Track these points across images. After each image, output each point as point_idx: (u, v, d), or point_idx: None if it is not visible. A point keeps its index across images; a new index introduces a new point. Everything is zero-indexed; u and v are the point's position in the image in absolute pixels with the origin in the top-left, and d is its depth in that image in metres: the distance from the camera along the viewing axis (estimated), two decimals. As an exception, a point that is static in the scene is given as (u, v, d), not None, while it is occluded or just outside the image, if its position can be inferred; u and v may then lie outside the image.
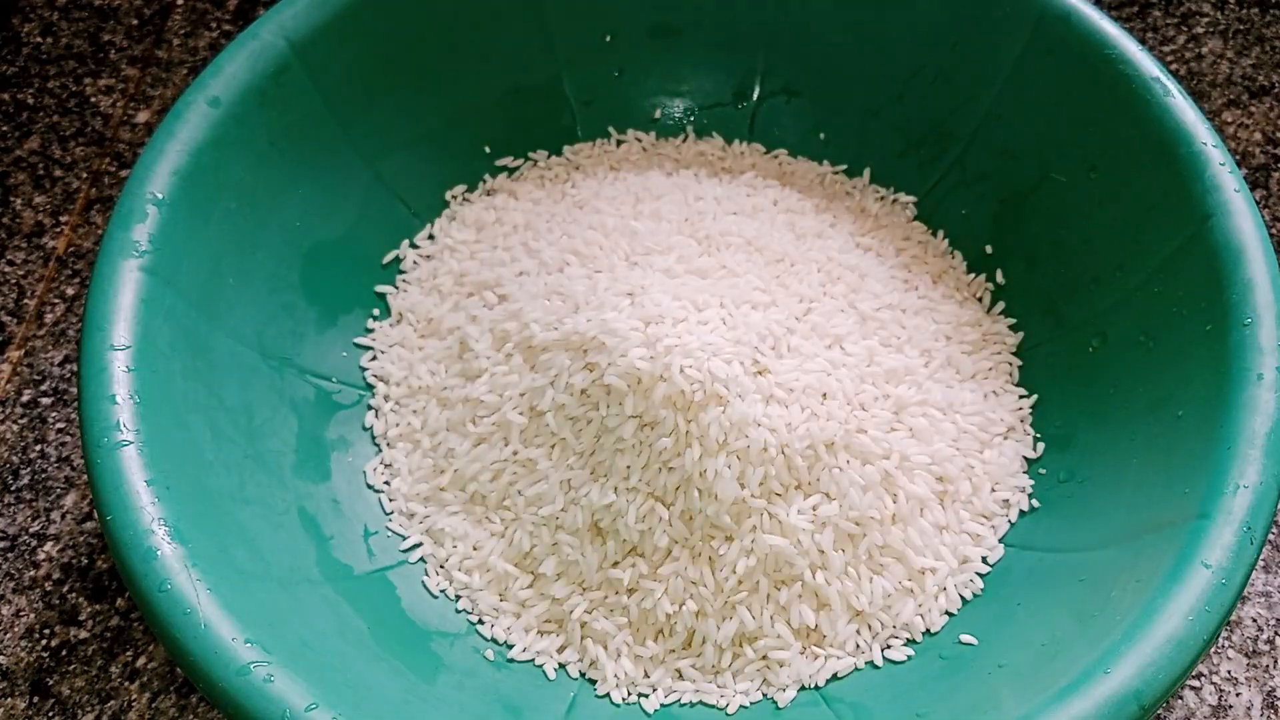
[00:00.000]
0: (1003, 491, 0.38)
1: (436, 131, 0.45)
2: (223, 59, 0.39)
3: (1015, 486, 0.38)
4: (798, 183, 0.46)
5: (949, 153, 0.45)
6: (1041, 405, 0.40)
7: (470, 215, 0.45)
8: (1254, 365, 0.33)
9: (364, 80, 0.42)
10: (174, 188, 0.36)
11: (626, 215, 0.42)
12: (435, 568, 0.38)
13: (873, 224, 0.45)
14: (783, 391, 0.36)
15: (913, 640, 0.36)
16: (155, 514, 0.31)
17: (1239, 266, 0.34)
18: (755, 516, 0.36)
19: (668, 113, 0.49)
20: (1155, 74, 0.38)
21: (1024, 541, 0.37)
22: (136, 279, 0.34)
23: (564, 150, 0.48)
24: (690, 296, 0.38)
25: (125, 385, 0.33)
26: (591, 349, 0.37)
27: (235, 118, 0.38)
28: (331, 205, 0.42)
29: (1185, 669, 0.28)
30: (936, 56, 0.44)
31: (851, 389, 0.37)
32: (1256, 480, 0.31)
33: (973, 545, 0.37)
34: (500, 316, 0.40)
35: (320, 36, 0.40)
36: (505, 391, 0.39)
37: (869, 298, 0.41)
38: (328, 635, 0.33)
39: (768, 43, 0.47)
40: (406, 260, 0.45)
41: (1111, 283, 0.39)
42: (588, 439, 0.37)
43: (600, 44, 0.47)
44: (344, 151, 0.42)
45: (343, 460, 0.40)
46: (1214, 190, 0.36)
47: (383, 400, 0.41)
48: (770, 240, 0.41)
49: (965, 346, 0.41)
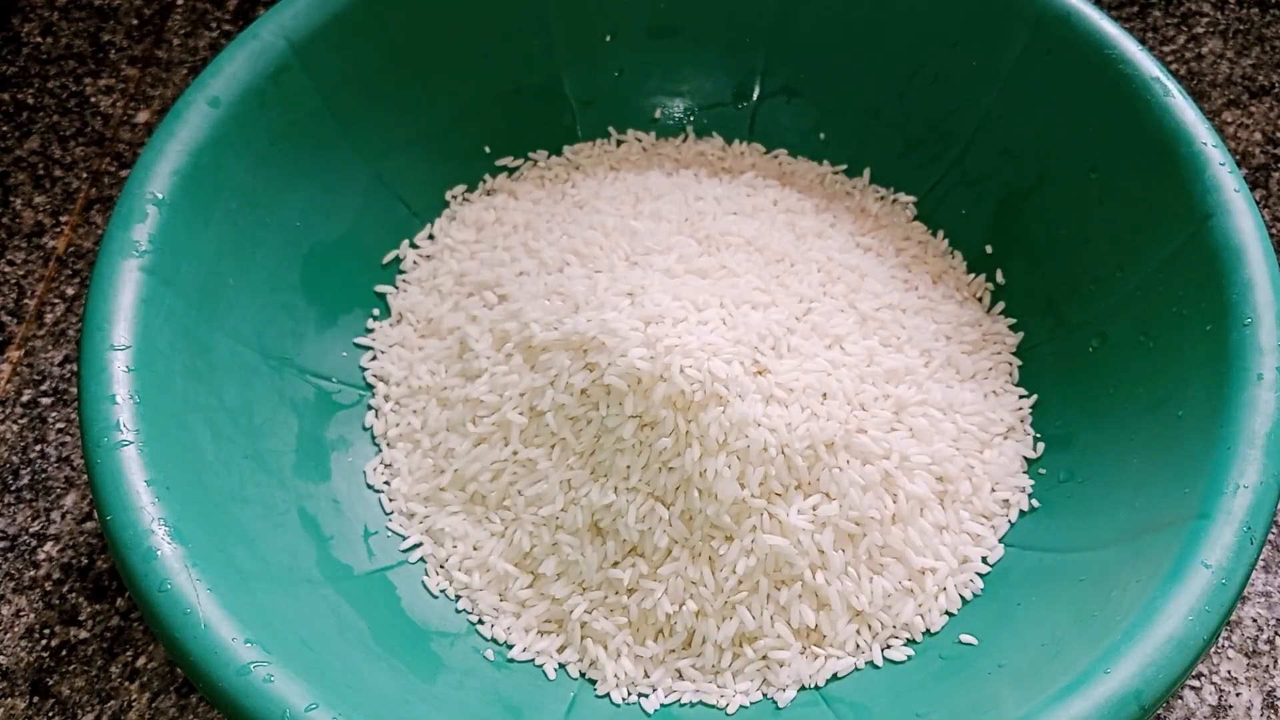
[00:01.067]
0: (1003, 491, 0.38)
1: (436, 131, 0.45)
2: (223, 59, 0.39)
3: (1015, 486, 0.38)
4: (798, 183, 0.46)
5: (949, 153, 0.45)
6: (1041, 405, 0.40)
7: (470, 215, 0.45)
8: (1254, 365, 0.33)
9: (364, 80, 0.42)
10: (174, 188, 0.36)
11: (626, 215, 0.42)
12: (435, 568, 0.38)
13: (873, 224, 0.45)
14: (783, 391, 0.36)
15: (913, 640, 0.36)
16: (155, 514, 0.31)
17: (1239, 266, 0.34)
18: (755, 517, 0.36)
19: (668, 113, 0.49)
20: (1155, 74, 0.38)
21: (1024, 541, 0.37)
22: (137, 279, 0.34)
23: (564, 150, 0.48)
24: (690, 296, 0.38)
25: (125, 385, 0.33)
26: (591, 349, 0.37)
27: (235, 118, 0.38)
28: (332, 205, 0.42)
29: (1185, 669, 0.28)
30: (936, 56, 0.44)
31: (851, 389, 0.37)
32: (1256, 480, 0.31)
33: (973, 545, 0.37)
34: (500, 316, 0.40)
35: (320, 36, 0.40)
36: (505, 391, 0.39)
37: (869, 297, 0.41)
38: (328, 635, 0.33)
39: (768, 42, 0.47)
40: (406, 260, 0.45)
41: (1111, 282, 0.39)
42: (588, 439, 0.37)
43: (600, 44, 0.47)
44: (344, 151, 0.42)
45: (343, 460, 0.40)
46: (1214, 190, 0.36)
47: (383, 400, 0.41)
48: (770, 240, 0.41)
49: (965, 346, 0.41)
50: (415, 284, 0.44)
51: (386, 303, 0.44)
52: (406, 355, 0.42)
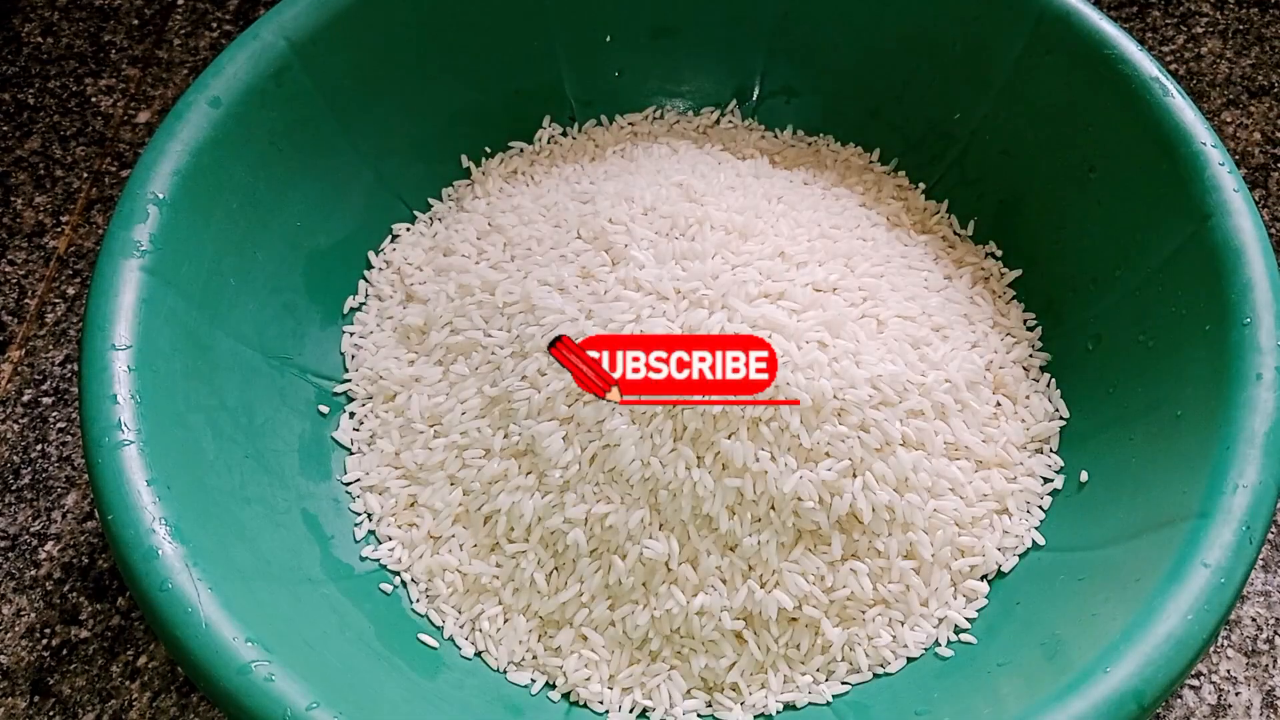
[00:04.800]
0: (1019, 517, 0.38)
1: (437, 132, 0.45)
2: (223, 59, 0.39)
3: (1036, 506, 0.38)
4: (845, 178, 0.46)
5: (948, 153, 0.45)
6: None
7: (469, 216, 0.45)
8: (1253, 365, 0.33)
9: (364, 80, 0.42)
10: (175, 187, 0.36)
11: (622, 216, 0.41)
12: (420, 592, 0.38)
13: (915, 223, 0.45)
14: (790, 437, 0.36)
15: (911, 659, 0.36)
16: (156, 513, 0.31)
17: (1238, 266, 0.35)
18: (761, 568, 0.35)
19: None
20: (1155, 74, 0.38)
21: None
22: (138, 279, 0.34)
23: (559, 140, 0.48)
24: (698, 325, 0.37)
25: (126, 385, 0.33)
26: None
27: (236, 118, 0.38)
28: (332, 205, 0.43)
29: (1184, 668, 0.29)
30: (936, 57, 0.44)
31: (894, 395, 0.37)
32: (1255, 479, 0.31)
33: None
34: (499, 319, 0.40)
35: (321, 37, 0.40)
36: (501, 404, 0.38)
37: (902, 300, 0.40)
38: (329, 634, 0.33)
39: (768, 43, 0.47)
40: (406, 261, 0.44)
41: (1111, 283, 0.39)
42: (584, 455, 0.36)
43: (601, 44, 0.47)
44: (344, 151, 0.42)
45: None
46: (1213, 190, 0.36)
47: (368, 403, 0.41)
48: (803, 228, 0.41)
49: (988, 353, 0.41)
50: (415, 285, 0.43)
51: (385, 303, 0.44)
52: (400, 358, 0.41)
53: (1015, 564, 0.37)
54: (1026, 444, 0.39)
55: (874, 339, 0.38)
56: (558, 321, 0.38)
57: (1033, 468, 0.39)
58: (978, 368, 0.39)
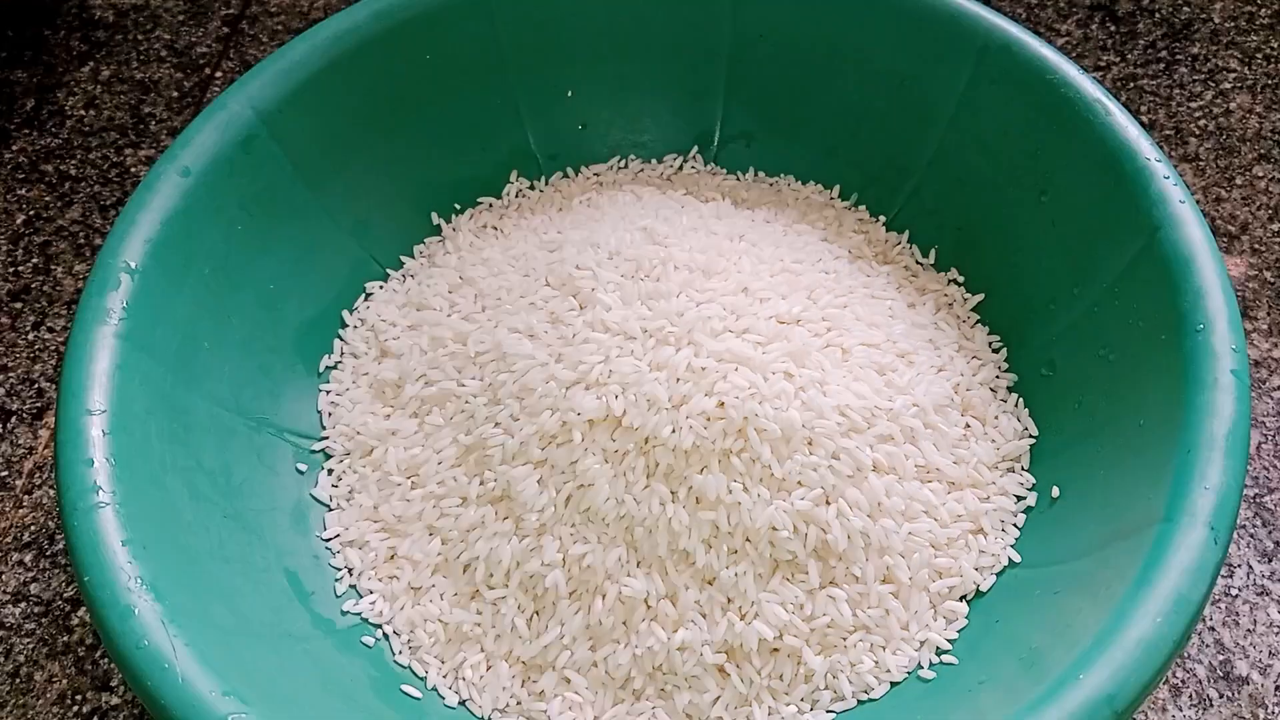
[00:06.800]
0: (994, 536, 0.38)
1: (407, 191, 0.46)
2: (191, 130, 0.40)
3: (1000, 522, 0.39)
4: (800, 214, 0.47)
5: (906, 185, 0.46)
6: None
7: (440, 271, 0.46)
8: (1210, 370, 0.33)
9: (332, 145, 0.43)
10: (147, 256, 0.37)
11: (589, 262, 0.42)
12: (403, 644, 0.38)
13: (877, 255, 0.46)
14: (761, 468, 0.36)
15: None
16: (132, 573, 0.31)
17: (1189, 275, 0.35)
18: (740, 600, 0.36)
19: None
20: (1096, 95, 0.39)
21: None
22: (112, 345, 0.35)
23: (526, 194, 0.49)
24: (665, 362, 0.37)
25: (101, 449, 0.33)
26: (562, 407, 0.37)
27: (206, 186, 0.39)
28: (305, 267, 0.43)
29: (1157, 671, 0.29)
30: (887, 94, 0.45)
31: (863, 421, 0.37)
32: (1218, 481, 0.31)
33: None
34: (472, 368, 0.40)
35: (286, 105, 0.41)
36: (477, 452, 0.39)
37: (866, 328, 0.40)
38: (311, 688, 0.33)
39: (724, 90, 0.48)
40: (380, 317, 0.45)
41: (1070, 300, 0.40)
42: (559, 496, 0.37)
43: (562, 99, 0.48)
44: (315, 214, 0.43)
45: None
46: (1160, 203, 0.37)
47: (346, 459, 0.41)
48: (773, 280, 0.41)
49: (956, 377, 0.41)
50: (389, 340, 0.44)
51: (358, 360, 0.44)
52: (375, 412, 0.42)
53: (993, 582, 0.37)
54: (998, 463, 0.40)
55: (839, 367, 0.38)
56: (528, 366, 0.38)
57: (1005, 486, 0.39)
58: (945, 391, 0.40)
